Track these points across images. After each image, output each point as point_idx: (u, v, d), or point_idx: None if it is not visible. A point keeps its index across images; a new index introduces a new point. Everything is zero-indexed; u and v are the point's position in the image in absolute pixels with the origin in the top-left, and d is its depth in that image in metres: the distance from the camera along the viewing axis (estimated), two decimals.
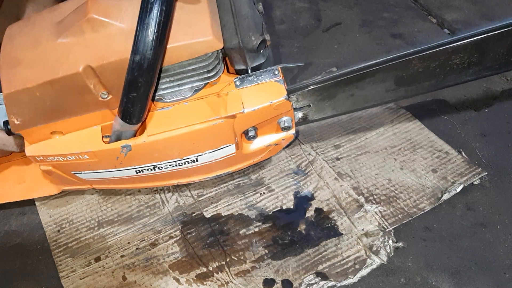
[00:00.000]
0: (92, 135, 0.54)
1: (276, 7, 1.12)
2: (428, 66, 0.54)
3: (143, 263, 0.66)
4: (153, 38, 0.42)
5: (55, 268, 0.67)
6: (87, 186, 0.63)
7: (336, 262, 0.65)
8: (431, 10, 1.09)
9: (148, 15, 0.42)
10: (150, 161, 0.56)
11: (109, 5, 0.48)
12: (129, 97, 0.46)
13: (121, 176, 0.58)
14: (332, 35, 1.04)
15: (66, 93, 0.49)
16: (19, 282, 0.66)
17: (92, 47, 0.47)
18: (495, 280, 0.63)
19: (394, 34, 1.03)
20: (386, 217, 0.69)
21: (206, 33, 0.48)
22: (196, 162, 0.57)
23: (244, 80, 0.54)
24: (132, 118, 0.49)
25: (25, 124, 0.52)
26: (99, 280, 0.64)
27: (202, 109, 0.53)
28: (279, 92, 0.53)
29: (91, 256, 0.67)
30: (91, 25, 0.47)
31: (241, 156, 0.59)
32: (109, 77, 0.48)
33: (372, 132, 0.82)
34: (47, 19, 0.51)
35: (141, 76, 0.44)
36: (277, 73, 0.54)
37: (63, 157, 0.54)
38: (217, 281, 0.63)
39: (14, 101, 0.49)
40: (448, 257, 0.66)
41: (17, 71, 0.48)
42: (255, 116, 0.54)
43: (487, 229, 0.68)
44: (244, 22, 0.51)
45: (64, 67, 0.47)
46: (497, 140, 0.80)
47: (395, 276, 0.64)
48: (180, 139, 0.53)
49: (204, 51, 0.49)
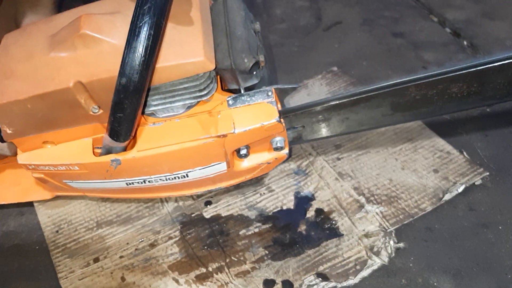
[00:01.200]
0: (83, 147, 0.54)
1: (276, 6, 1.11)
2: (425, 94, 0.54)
3: (142, 264, 0.65)
4: (140, 62, 0.42)
5: (53, 268, 0.66)
6: (80, 193, 0.63)
7: (337, 263, 0.64)
8: (432, 8, 1.08)
9: (135, 38, 0.42)
10: (139, 175, 0.56)
11: (102, 21, 0.48)
12: (115, 116, 0.46)
13: (112, 187, 0.58)
14: (333, 34, 1.04)
15: (57, 107, 0.50)
16: (17, 283, 0.66)
17: (84, 63, 0.48)
18: (497, 280, 0.62)
19: (395, 33, 1.03)
20: (387, 217, 0.69)
21: (197, 54, 0.48)
22: (186, 177, 0.57)
23: (237, 100, 0.54)
24: (119, 137, 0.49)
25: (17, 134, 0.53)
26: (98, 281, 0.64)
27: (193, 127, 0.53)
28: (271, 114, 0.53)
29: (89, 257, 0.67)
30: (83, 41, 0.47)
31: (233, 173, 0.59)
32: (99, 93, 0.49)
33: (373, 132, 0.81)
34: (42, 31, 0.52)
35: (127, 98, 0.44)
36: (270, 94, 0.54)
37: (54, 167, 0.55)
38: (217, 282, 0.63)
39: (5, 112, 0.50)
40: (449, 258, 0.65)
41: (9, 82, 0.49)
42: (246, 136, 0.54)
43: (489, 230, 0.68)
44: (238, 43, 0.51)
45: (55, 82, 0.48)
46: (499, 140, 0.80)
47: (396, 277, 0.63)
48: (169, 155, 0.53)
49: (195, 71, 0.49)
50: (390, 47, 1.00)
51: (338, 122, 0.59)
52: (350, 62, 0.96)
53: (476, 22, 1.04)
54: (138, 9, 0.42)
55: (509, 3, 1.08)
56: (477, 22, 1.04)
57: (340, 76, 0.93)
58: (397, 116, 0.57)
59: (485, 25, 1.02)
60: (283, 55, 0.99)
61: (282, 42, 1.03)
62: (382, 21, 1.06)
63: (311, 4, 1.12)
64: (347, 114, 0.57)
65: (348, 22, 1.06)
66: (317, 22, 1.08)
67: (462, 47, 0.99)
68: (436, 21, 1.06)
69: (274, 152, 0.58)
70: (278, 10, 1.11)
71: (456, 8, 1.08)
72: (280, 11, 1.10)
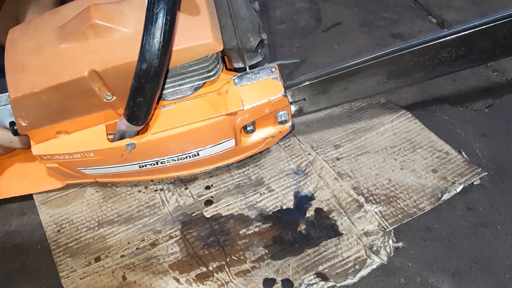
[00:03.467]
0: (97, 134, 0.55)
1: (276, 7, 1.12)
2: (417, 60, 0.57)
3: (143, 263, 0.66)
4: (159, 47, 0.44)
5: (55, 268, 0.67)
6: (91, 180, 0.65)
7: (336, 263, 0.65)
8: (431, 10, 1.09)
9: (153, 24, 0.43)
10: (153, 157, 0.58)
11: (111, 10, 0.49)
12: (136, 101, 0.48)
13: (125, 170, 0.60)
14: (332, 35, 1.04)
15: (72, 96, 0.51)
16: (19, 282, 0.66)
17: (96, 52, 0.49)
18: (495, 280, 0.63)
19: (394, 34, 1.03)
20: (386, 217, 0.69)
21: (206, 36, 0.49)
22: (197, 156, 0.59)
23: (243, 78, 0.56)
24: (138, 120, 0.51)
25: (31, 126, 0.54)
26: (99, 280, 0.64)
27: (203, 107, 0.55)
28: (277, 89, 0.55)
29: (91, 256, 0.67)
30: (94, 31, 0.49)
31: (240, 148, 0.61)
32: (113, 80, 0.50)
33: (372, 132, 0.82)
34: (49, 23, 0.52)
35: (148, 83, 0.46)
36: (274, 71, 0.56)
37: (69, 155, 0.56)
38: (217, 281, 0.63)
39: (21, 105, 0.51)
40: (448, 257, 0.66)
41: (23, 76, 0.50)
42: (254, 112, 0.56)
43: (487, 229, 0.68)
44: (242, 23, 0.53)
45: (70, 72, 0.49)
46: (497, 140, 0.80)
47: (395, 276, 0.64)
48: (182, 136, 0.55)
49: (204, 53, 0.51)
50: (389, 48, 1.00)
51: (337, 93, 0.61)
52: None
53: None
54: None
55: (507, 4, 1.08)
56: None
57: None
58: (391, 83, 0.61)
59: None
60: (283, 56, 1.00)
61: (282, 43, 1.03)
62: (381, 22, 1.07)
63: (310, 5, 1.13)
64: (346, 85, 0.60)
65: (347, 23, 1.07)
66: (316, 23, 1.08)
67: None
68: (435, 22, 1.07)
69: (278, 125, 0.60)
70: (278, 11, 1.11)
71: (454, 9, 1.08)
72: (280, 12, 1.11)
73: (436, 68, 0.58)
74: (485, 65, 0.96)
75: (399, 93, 0.90)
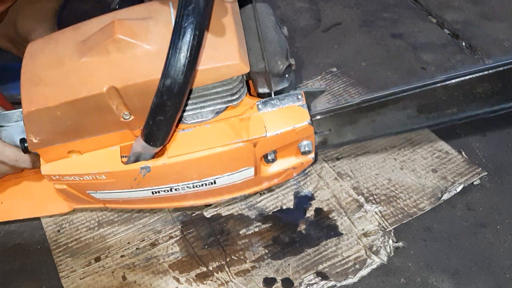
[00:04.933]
0: (111, 155, 0.53)
1: (276, 7, 1.12)
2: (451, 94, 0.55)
3: (143, 263, 0.66)
4: (185, 63, 0.41)
5: (55, 268, 0.67)
6: (100, 205, 0.62)
7: (336, 262, 0.65)
8: (431, 10, 1.09)
9: (181, 39, 0.41)
10: (167, 183, 0.55)
11: (136, 26, 0.47)
12: (155, 120, 0.45)
13: (137, 196, 0.57)
14: (332, 35, 1.04)
15: (88, 113, 0.48)
16: (19, 282, 0.66)
17: (117, 67, 0.46)
18: (495, 280, 0.63)
19: (394, 34, 1.03)
20: (386, 217, 0.69)
21: (233, 57, 0.47)
22: (213, 184, 0.56)
23: (267, 104, 0.53)
24: (156, 141, 0.48)
25: (43, 143, 0.51)
26: (99, 280, 0.64)
27: (224, 132, 0.52)
28: (303, 117, 0.52)
29: (91, 256, 0.67)
30: (117, 46, 0.46)
31: (259, 179, 0.58)
32: (132, 98, 0.47)
33: None
34: (70, 38, 0.50)
35: (170, 100, 0.43)
36: (300, 98, 0.53)
37: (80, 177, 0.53)
38: (217, 281, 0.64)
39: (34, 120, 0.48)
40: (448, 257, 0.66)
41: (38, 89, 0.48)
42: (277, 140, 0.53)
43: (487, 229, 0.68)
44: (271, 46, 0.51)
45: (88, 87, 0.47)
46: (497, 140, 0.80)
47: (395, 276, 0.64)
48: (200, 161, 0.52)
49: (230, 74, 0.48)
50: (389, 48, 1.00)
51: (364, 125, 0.59)
52: (349, 63, 0.97)
53: (474, 23, 1.04)
54: (181, 10, 0.41)
55: (507, 4, 1.08)
56: (476, 23, 1.04)
57: (340, 77, 0.93)
58: (422, 118, 0.58)
59: (484, 26, 1.03)
60: None
61: None
62: (381, 22, 1.07)
63: (310, 5, 1.13)
64: (374, 117, 0.58)
65: (347, 24, 1.07)
66: (316, 23, 1.08)
67: (460, 48, 1.00)
68: (435, 22, 1.07)
69: (300, 156, 0.57)
70: (278, 11, 1.11)
71: (454, 9, 1.08)
72: (280, 13, 1.11)
73: (470, 104, 0.55)
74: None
75: None
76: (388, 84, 0.92)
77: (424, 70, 0.95)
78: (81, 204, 0.62)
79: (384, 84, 0.92)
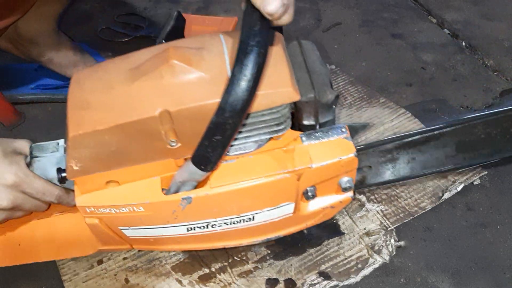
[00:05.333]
0: (151, 186, 0.51)
1: None
2: (489, 132, 0.57)
3: (146, 265, 0.66)
4: (251, 79, 0.41)
5: (55, 268, 0.66)
6: (127, 246, 0.61)
7: (339, 262, 0.65)
8: (431, 10, 1.09)
9: (247, 56, 0.41)
10: (206, 217, 0.54)
11: (191, 53, 0.48)
12: (212, 140, 0.43)
13: (170, 234, 0.56)
14: (332, 35, 1.04)
15: (135, 138, 0.47)
16: (19, 282, 0.66)
17: (171, 92, 0.46)
18: (495, 280, 0.63)
19: (394, 34, 1.04)
20: (387, 216, 0.70)
21: (285, 84, 0.47)
22: (251, 220, 0.56)
23: (311, 136, 0.53)
24: (208, 164, 0.46)
25: (83, 171, 0.49)
26: (101, 283, 0.64)
27: (268, 163, 0.51)
28: (348, 149, 0.52)
29: (93, 259, 0.67)
30: (171, 71, 0.46)
31: (297, 217, 0.58)
32: (183, 123, 0.47)
33: (372, 131, 0.82)
34: (121, 65, 0.50)
35: (232, 117, 0.42)
36: (344, 130, 0.54)
37: (116, 209, 0.52)
38: (220, 282, 0.64)
39: (79, 144, 0.47)
40: (448, 257, 0.66)
41: (86, 113, 0.47)
42: (322, 172, 0.53)
43: (487, 229, 0.69)
44: (319, 78, 0.52)
45: (140, 111, 0.46)
46: None
47: (395, 276, 0.64)
48: (243, 192, 0.52)
49: (281, 101, 0.48)
50: (389, 48, 1.01)
51: (404, 163, 0.60)
52: (349, 63, 0.97)
53: (474, 23, 1.05)
54: (248, 29, 0.41)
55: (507, 4, 1.09)
56: (476, 23, 1.05)
57: (338, 74, 0.94)
58: (459, 158, 0.60)
59: (484, 26, 1.03)
60: None
61: None
62: (381, 22, 1.07)
63: (310, 5, 1.13)
64: (415, 154, 0.59)
65: (347, 24, 1.07)
66: (316, 23, 1.08)
67: (460, 48, 1.00)
68: (435, 22, 1.07)
69: (339, 194, 0.57)
70: None
71: (454, 9, 1.09)
72: None
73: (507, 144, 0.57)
74: (485, 65, 0.96)
75: (399, 92, 0.90)
76: (388, 84, 0.92)
77: (424, 70, 0.95)
78: (106, 246, 0.61)
79: (384, 84, 0.92)
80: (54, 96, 0.90)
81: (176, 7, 1.12)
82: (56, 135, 0.60)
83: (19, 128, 0.88)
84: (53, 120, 0.89)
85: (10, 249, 0.64)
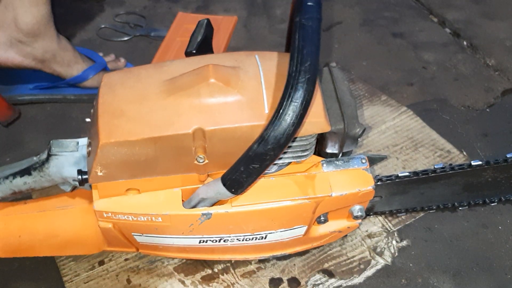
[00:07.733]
0: (172, 198, 0.52)
1: (276, 6, 1.11)
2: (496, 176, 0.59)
3: (148, 266, 0.66)
4: (298, 115, 0.41)
5: (54, 268, 0.66)
6: (133, 250, 0.61)
7: (342, 261, 0.65)
8: (432, 9, 1.09)
9: (296, 92, 0.41)
10: (221, 233, 0.55)
11: (229, 73, 0.48)
12: (248, 167, 0.44)
13: (182, 244, 0.57)
14: (333, 34, 1.04)
15: (165, 152, 0.48)
16: (18, 283, 0.66)
17: (207, 111, 0.47)
18: (497, 281, 0.64)
19: (395, 33, 1.03)
20: (389, 218, 0.70)
21: (318, 114, 0.48)
22: (263, 239, 0.57)
23: (331, 164, 0.54)
24: (239, 189, 0.47)
25: (107, 177, 0.49)
26: (103, 284, 0.64)
27: (290, 187, 0.52)
28: (367, 181, 0.54)
29: (94, 260, 0.67)
30: (209, 89, 0.47)
31: (306, 238, 0.59)
32: (215, 143, 0.47)
33: (373, 130, 0.82)
34: (154, 75, 0.50)
35: (274, 150, 0.42)
36: (364, 162, 0.55)
37: (135, 217, 0.52)
38: (223, 283, 0.64)
39: (108, 152, 0.47)
40: (449, 258, 0.66)
41: (119, 122, 0.47)
42: (340, 201, 0.54)
43: (488, 230, 0.69)
44: (348, 109, 0.53)
45: (174, 126, 0.46)
46: (498, 140, 0.81)
47: (396, 277, 0.64)
48: (262, 213, 0.52)
49: (313, 131, 0.49)
50: (390, 47, 1.00)
51: (413, 196, 0.62)
52: (350, 62, 0.97)
53: (476, 23, 1.04)
54: (298, 65, 0.41)
55: (509, 3, 1.08)
56: (477, 22, 1.04)
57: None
58: (463, 196, 0.63)
59: (485, 26, 1.03)
60: None
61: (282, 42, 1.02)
62: (382, 21, 1.06)
63: None
64: (424, 190, 0.61)
65: (348, 23, 1.07)
66: None
67: (462, 47, 1.00)
68: (436, 21, 1.07)
69: (348, 220, 0.59)
70: (278, 10, 1.11)
71: (456, 8, 1.08)
72: (280, 12, 1.10)
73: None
74: (486, 65, 0.96)
75: (400, 92, 0.90)
76: (389, 84, 0.92)
77: (425, 70, 0.95)
78: (112, 247, 0.61)
79: (385, 83, 0.92)
80: (52, 96, 0.90)
81: (176, 6, 1.12)
82: (56, 135, 0.60)
83: (16, 127, 0.87)
84: (52, 120, 0.89)
85: (10, 240, 0.63)
